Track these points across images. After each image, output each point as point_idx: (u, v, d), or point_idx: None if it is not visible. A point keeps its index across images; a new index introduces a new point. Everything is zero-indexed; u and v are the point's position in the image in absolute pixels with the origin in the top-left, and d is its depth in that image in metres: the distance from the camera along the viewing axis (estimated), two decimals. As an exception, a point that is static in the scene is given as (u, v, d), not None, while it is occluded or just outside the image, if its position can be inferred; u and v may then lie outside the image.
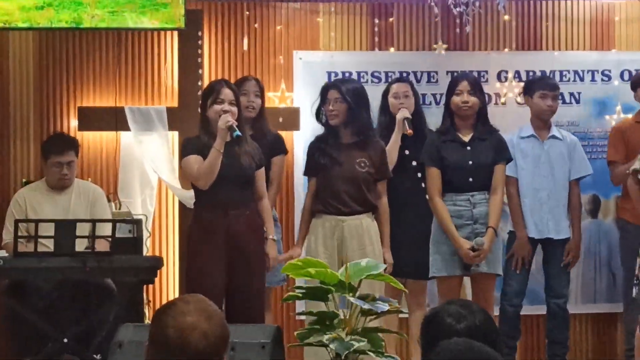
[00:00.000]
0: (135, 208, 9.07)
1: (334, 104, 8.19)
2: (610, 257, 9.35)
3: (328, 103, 8.21)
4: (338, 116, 8.21)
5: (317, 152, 8.24)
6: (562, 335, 8.90)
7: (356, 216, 8.18)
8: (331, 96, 8.21)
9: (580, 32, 9.89)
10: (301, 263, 7.18)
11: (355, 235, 8.12)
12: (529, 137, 8.83)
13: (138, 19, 8.81)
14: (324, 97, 8.26)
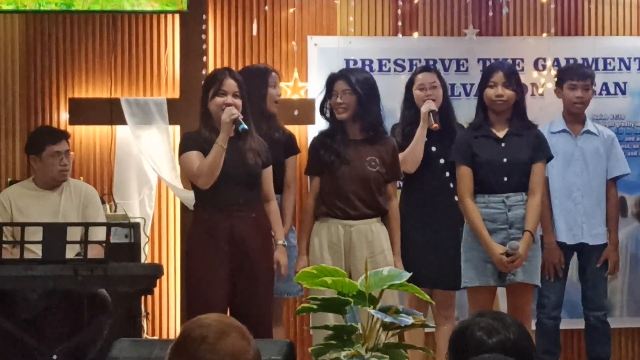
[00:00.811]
0: (133, 210, 9.13)
1: (342, 96, 8.20)
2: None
3: (335, 95, 8.21)
4: (347, 110, 8.21)
5: (321, 148, 8.23)
6: (604, 351, 8.92)
7: (365, 220, 8.19)
8: (339, 88, 8.22)
9: (627, 15, 9.98)
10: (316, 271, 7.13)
11: (365, 242, 8.14)
12: (561, 132, 8.88)
13: (136, 0, 8.83)
14: (330, 88, 8.27)
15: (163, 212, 9.39)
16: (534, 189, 8.15)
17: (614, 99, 9.74)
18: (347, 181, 8.12)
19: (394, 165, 8.28)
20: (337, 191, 8.13)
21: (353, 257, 8.03)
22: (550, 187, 8.74)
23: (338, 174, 8.12)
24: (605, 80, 9.55)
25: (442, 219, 8.43)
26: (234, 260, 7.77)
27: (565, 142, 8.83)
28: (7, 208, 8.50)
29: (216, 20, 9.51)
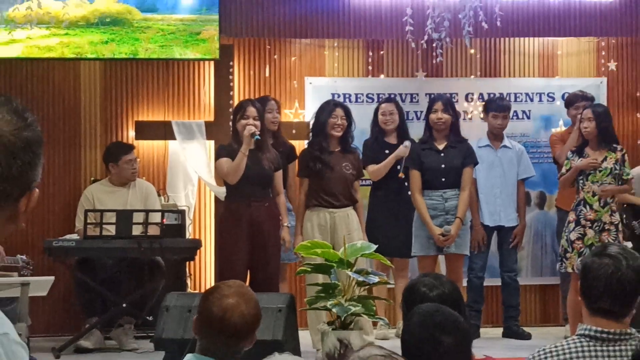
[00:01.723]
0: (180, 201, 9.03)
1: (341, 120, 8.17)
2: (552, 240, 9.31)
3: (336, 118, 8.16)
4: (342, 130, 8.19)
5: (310, 158, 8.16)
6: (514, 301, 8.91)
7: (344, 209, 8.16)
8: (338, 113, 8.18)
9: (530, 63, 9.83)
10: (310, 244, 7.22)
11: (344, 224, 8.10)
12: (485, 147, 8.83)
13: (182, 51, 8.80)
14: (331, 112, 8.18)
15: (202, 202, 9.28)
16: (464, 187, 8.16)
17: (522, 123, 9.61)
18: (331, 181, 8.10)
19: (359, 169, 8.29)
20: (324, 188, 8.09)
21: (336, 234, 7.96)
22: (477, 185, 8.72)
23: (325, 176, 8.09)
24: (516, 109, 9.34)
25: (399, 208, 8.41)
26: (252, 237, 7.74)
27: (488, 153, 8.80)
28: (91, 199, 8.49)
29: (240, 65, 9.37)
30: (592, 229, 8.01)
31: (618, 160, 8.15)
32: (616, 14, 9.39)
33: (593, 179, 8.10)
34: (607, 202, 8.07)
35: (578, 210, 8.09)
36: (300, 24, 9.15)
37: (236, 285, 3.82)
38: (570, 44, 9.82)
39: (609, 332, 3.75)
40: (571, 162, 8.17)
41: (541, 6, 9.31)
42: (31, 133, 2.02)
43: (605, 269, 3.75)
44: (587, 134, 8.18)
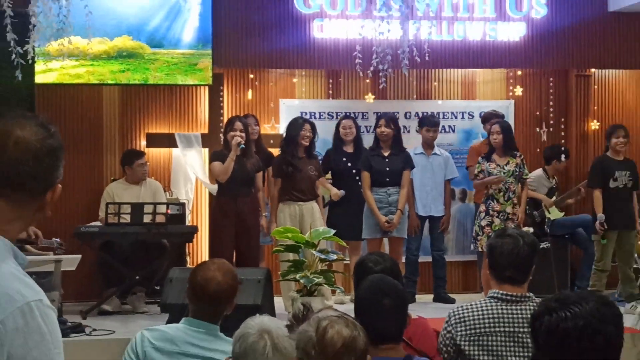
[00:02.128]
0: (181, 196, 9.00)
1: (309, 133, 8.16)
2: (472, 226, 9.31)
3: (305, 131, 8.13)
4: (309, 140, 8.17)
5: (282, 163, 8.12)
6: (442, 273, 8.93)
7: (309, 202, 8.14)
8: (306, 128, 8.16)
9: (455, 88, 9.86)
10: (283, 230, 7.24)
11: (310, 214, 8.08)
12: (420, 154, 8.82)
13: (183, 78, 8.79)
14: (301, 126, 8.14)
15: (198, 197, 9.25)
16: (404, 185, 8.14)
17: (448, 135, 9.63)
18: (300, 181, 8.07)
19: (320, 171, 8.27)
20: (294, 186, 8.06)
21: (304, 222, 7.94)
22: (414, 184, 8.68)
23: (295, 177, 8.06)
24: (443, 124, 9.38)
25: (354, 201, 8.35)
26: (238, 224, 7.77)
27: (422, 159, 8.78)
28: (111, 194, 8.46)
29: (228, 89, 9.35)
30: (498, 217, 8.19)
31: (518, 164, 8.31)
32: (521, 51, 9.48)
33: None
34: (510, 197, 8.21)
35: (487, 203, 8.23)
36: (276, 57, 9.16)
37: (218, 262, 3.79)
38: (486, 73, 9.88)
39: (512, 295, 3.82)
40: (481, 165, 8.29)
41: (463, 44, 9.38)
42: (54, 141, 2.06)
43: (507, 246, 3.82)
44: (496, 143, 8.29)
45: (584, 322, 2.41)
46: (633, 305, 7.92)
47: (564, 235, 9.17)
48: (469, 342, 3.80)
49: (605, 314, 2.44)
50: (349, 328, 2.53)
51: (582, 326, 2.40)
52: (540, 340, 2.48)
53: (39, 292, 1.99)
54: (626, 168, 8.56)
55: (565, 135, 9.97)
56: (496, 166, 8.29)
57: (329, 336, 2.50)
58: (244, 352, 2.89)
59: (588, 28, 9.54)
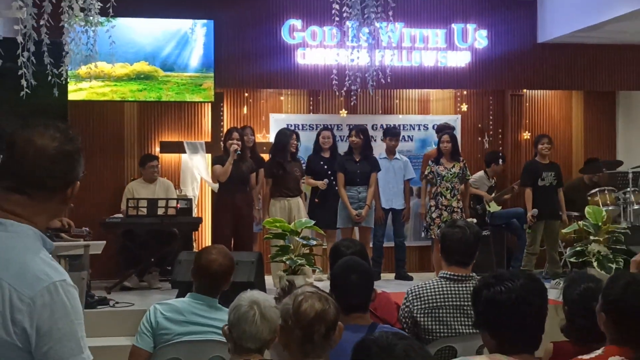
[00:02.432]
0: (189, 192, 8.97)
1: (295, 142, 8.17)
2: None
3: (292, 140, 8.12)
4: (295, 148, 8.19)
5: (274, 165, 8.08)
6: (402, 256, 8.92)
7: (295, 197, 8.10)
8: (294, 137, 8.18)
9: (413, 105, 9.87)
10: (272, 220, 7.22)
11: (296, 208, 8.05)
12: (384, 159, 8.79)
13: (190, 96, 8.74)
14: (290, 136, 8.12)
15: (203, 193, 9.20)
16: (371, 185, 8.15)
17: (407, 143, 9.63)
18: (288, 180, 8.04)
19: (303, 172, 8.25)
20: (284, 185, 8.02)
21: (291, 214, 7.91)
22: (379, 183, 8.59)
23: (284, 178, 8.02)
24: (403, 134, 9.44)
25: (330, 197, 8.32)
26: (235, 216, 7.74)
27: (386, 163, 8.75)
28: (131, 191, 8.42)
29: (227, 106, 9.33)
30: (446, 211, 8.19)
31: (462, 167, 8.33)
32: (466, 75, 9.51)
33: (446, 179, 8.26)
34: (455, 194, 8.24)
35: (437, 199, 8.26)
36: (267, 79, 9.13)
37: (219, 247, 3.80)
38: (438, 93, 9.89)
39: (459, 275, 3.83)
40: (431, 168, 8.32)
41: (419, 69, 9.40)
42: (70, 146, 2.05)
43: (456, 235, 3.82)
44: (446, 150, 8.33)
45: (516, 294, 2.43)
46: (557, 282, 7.98)
47: (501, 225, 9.20)
48: (424, 315, 3.81)
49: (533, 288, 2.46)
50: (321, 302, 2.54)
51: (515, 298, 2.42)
52: (480, 309, 2.50)
53: (63, 273, 1.98)
54: (551, 169, 8.67)
55: (502, 143, 10.01)
56: (444, 169, 8.32)
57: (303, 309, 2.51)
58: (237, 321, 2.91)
59: (521, 56, 9.59)
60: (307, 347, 2.50)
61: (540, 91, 10.13)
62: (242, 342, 2.89)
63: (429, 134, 9.71)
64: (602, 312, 2.84)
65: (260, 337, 2.88)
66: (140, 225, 7.88)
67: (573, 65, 9.70)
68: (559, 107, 10.28)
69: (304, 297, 2.54)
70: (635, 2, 7.76)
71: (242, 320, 2.89)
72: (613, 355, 2.73)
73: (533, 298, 2.44)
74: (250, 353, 2.89)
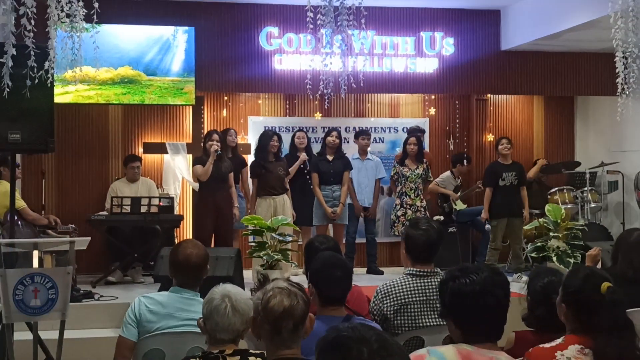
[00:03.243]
0: (170, 191, 8.94)
1: (276, 143, 8.14)
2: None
3: (273, 141, 8.10)
4: (277, 148, 8.16)
5: (257, 166, 8.11)
6: (373, 252, 8.91)
7: (280, 195, 8.09)
8: (274, 138, 8.15)
9: (384, 108, 9.87)
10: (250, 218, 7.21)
11: (281, 205, 8.04)
12: (356, 159, 8.79)
13: (172, 99, 8.70)
14: (271, 138, 8.11)
15: (184, 192, 9.17)
16: (344, 183, 8.19)
17: (378, 145, 9.63)
18: (272, 179, 8.03)
19: (287, 170, 8.18)
20: (268, 183, 8.02)
21: (276, 212, 7.88)
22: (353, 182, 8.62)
23: (268, 177, 8.03)
24: (375, 136, 9.44)
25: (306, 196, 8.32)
26: (215, 213, 7.74)
27: (358, 163, 8.74)
28: (115, 190, 8.37)
29: (208, 108, 9.30)
30: (410, 209, 8.26)
31: (424, 169, 8.38)
32: (434, 80, 9.52)
33: (410, 180, 8.34)
34: (418, 194, 8.31)
35: (402, 198, 8.35)
36: (245, 83, 9.09)
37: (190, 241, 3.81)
38: (408, 97, 9.91)
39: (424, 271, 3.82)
40: (396, 169, 8.36)
41: (390, 74, 9.39)
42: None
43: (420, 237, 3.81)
44: (412, 151, 8.39)
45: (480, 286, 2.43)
46: (519, 275, 8.04)
47: (467, 222, 9.25)
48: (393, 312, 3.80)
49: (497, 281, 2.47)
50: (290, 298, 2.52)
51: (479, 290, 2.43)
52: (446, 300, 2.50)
53: None
54: (512, 170, 8.71)
55: (467, 145, 10.06)
56: (409, 170, 8.37)
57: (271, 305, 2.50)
58: (210, 313, 2.90)
59: (485, 63, 9.63)
60: (276, 340, 2.49)
61: (503, 96, 10.19)
62: (216, 334, 2.89)
63: (398, 136, 9.71)
64: (562, 303, 2.86)
65: (233, 328, 2.87)
66: (124, 222, 7.82)
67: (534, 71, 9.76)
68: (521, 111, 10.35)
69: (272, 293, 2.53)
70: (590, 12, 7.85)
71: (214, 312, 2.88)
72: (573, 344, 2.75)
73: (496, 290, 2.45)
74: (225, 343, 2.88)
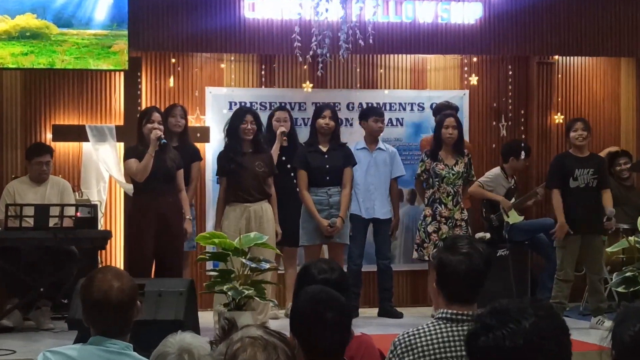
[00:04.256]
0: (93, 196, 8.92)
1: (251, 125, 8.12)
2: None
3: (246, 123, 8.09)
4: (252, 133, 8.14)
5: (226, 159, 8.13)
6: (388, 284, 8.92)
7: (258, 203, 8.10)
8: (249, 119, 8.13)
9: (403, 76, 9.90)
10: (209, 235, 7.22)
11: (257, 217, 8.05)
12: (362, 149, 8.82)
13: (96, 62, 8.71)
14: (242, 117, 8.12)
15: (112, 198, 9.17)
16: (346, 184, 8.25)
17: (395, 129, 9.67)
18: (245, 179, 8.03)
19: (271, 166, 8.19)
20: (239, 185, 8.04)
21: (250, 226, 7.88)
22: (355, 182, 8.64)
23: (240, 175, 8.02)
24: (390, 117, 9.50)
25: (289, 202, 8.35)
26: (158, 228, 7.73)
27: (365, 155, 8.78)
28: (12, 194, 8.33)
29: (147, 76, 9.30)
30: (446, 224, 8.28)
31: (466, 165, 8.39)
32: (477, 35, 9.54)
33: (447, 181, 8.32)
34: (458, 202, 8.31)
35: (434, 207, 8.31)
36: (201, 39, 9.10)
37: (107, 268, 3.77)
38: (438, 60, 9.93)
39: (462, 314, 3.82)
40: (425, 164, 8.36)
41: (412, 27, 9.41)
42: None
43: (459, 265, 3.79)
44: (450, 139, 8.35)
45: (523, 340, 2.41)
46: (599, 320, 8.01)
47: (524, 241, 9.26)
48: (419, 375, 3.78)
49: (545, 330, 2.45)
50: (267, 352, 2.49)
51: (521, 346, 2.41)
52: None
53: None
54: (590, 165, 8.58)
55: (525, 129, 10.08)
56: (444, 167, 8.34)
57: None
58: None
59: (552, 10, 9.65)
60: None
61: (578, 58, 10.22)
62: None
63: (425, 116, 9.75)
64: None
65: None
66: (25, 241, 7.80)
67: (624, 22, 9.76)
68: (604, 81, 10.38)
69: (241, 345, 2.50)
70: None
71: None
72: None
73: (546, 343, 2.43)
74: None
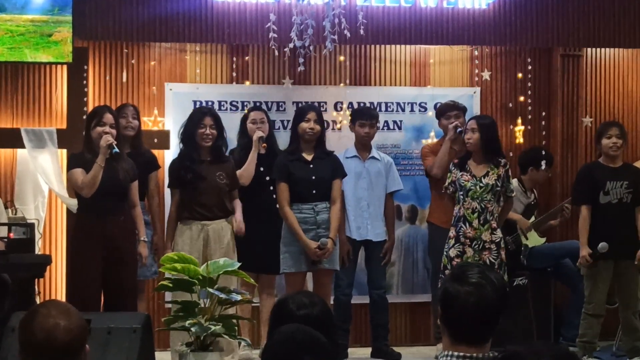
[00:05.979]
0: (29, 213, 8.90)
1: (210, 129, 8.17)
2: (425, 255, 9.40)
3: (204, 127, 8.16)
4: (212, 139, 8.18)
5: (181, 168, 8.17)
6: (383, 320, 8.92)
7: (218, 220, 8.15)
8: (207, 122, 8.19)
9: (401, 71, 9.93)
10: (177, 257, 7.19)
11: (218, 237, 8.10)
12: (353, 157, 8.87)
13: (33, 54, 8.72)
14: (199, 121, 8.19)
15: (52, 215, 9.15)
16: (335, 199, 8.25)
17: (393, 133, 9.70)
18: (204, 192, 8.09)
19: (234, 178, 8.27)
20: (197, 200, 8.09)
21: (209, 248, 7.99)
22: (345, 197, 8.68)
23: (197, 187, 8.08)
24: (387, 119, 9.52)
25: (267, 222, 8.39)
26: (106, 253, 7.71)
27: (356, 165, 8.82)
28: None
29: (95, 69, 9.30)
30: (471, 247, 8.15)
31: (501, 176, 8.25)
32: (490, 22, 9.55)
33: (473, 195, 8.21)
34: (487, 220, 8.16)
35: (458, 226, 8.22)
36: (160, 27, 9.11)
37: (52, 303, 3.74)
38: (443, 52, 9.96)
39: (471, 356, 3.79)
40: (452, 175, 8.28)
41: (412, 13, 9.42)
42: None
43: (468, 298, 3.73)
44: (470, 145, 8.33)
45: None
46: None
47: (546, 268, 9.26)
48: None
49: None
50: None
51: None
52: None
53: None
54: (623, 177, 8.61)
55: (547, 134, 10.12)
56: (470, 178, 8.25)
57: None
58: None
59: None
60: None
61: (608, 51, 10.25)
62: None
63: (427, 119, 9.78)
64: None
65: None
66: (-53, 267, 7.76)
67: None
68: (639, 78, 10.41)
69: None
70: None
71: None
72: None
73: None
74: None
